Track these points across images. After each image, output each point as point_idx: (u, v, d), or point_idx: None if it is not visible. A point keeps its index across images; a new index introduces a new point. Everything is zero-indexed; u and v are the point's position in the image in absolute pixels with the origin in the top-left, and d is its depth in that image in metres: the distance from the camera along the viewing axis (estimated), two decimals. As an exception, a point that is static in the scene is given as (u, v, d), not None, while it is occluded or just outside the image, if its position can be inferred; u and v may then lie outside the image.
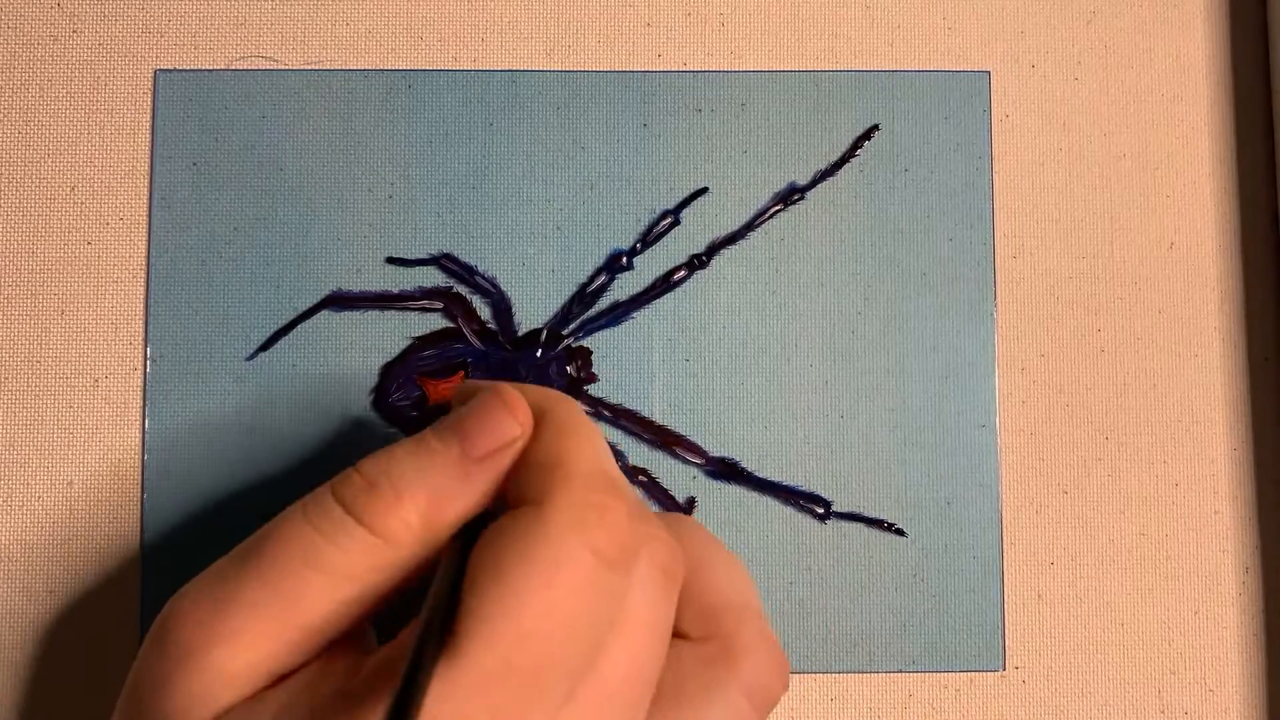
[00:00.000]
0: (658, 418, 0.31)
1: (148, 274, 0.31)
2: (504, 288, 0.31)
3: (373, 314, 0.31)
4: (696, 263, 0.31)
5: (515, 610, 0.19)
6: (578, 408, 0.24)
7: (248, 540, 0.23)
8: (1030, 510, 0.31)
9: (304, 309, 0.31)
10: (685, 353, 0.31)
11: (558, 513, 0.21)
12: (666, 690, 0.22)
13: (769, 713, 0.23)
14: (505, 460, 0.22)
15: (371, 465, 0.22)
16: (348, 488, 0.22)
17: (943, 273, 0.32)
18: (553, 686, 0.20)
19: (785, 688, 0.23)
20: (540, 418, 0.23)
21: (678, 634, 0.23)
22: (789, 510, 0.31)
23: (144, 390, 0.31)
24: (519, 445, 0.22)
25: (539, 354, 0.31)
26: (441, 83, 0.32)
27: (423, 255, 0.31)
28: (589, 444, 0.22)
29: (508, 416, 0.23)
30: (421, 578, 0.23)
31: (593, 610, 0.20)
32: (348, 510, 0.22)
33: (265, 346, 0.31)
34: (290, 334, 0.31)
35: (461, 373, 0.31)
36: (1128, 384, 0.32)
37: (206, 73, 0.31)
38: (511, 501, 0.22)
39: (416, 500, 0.22)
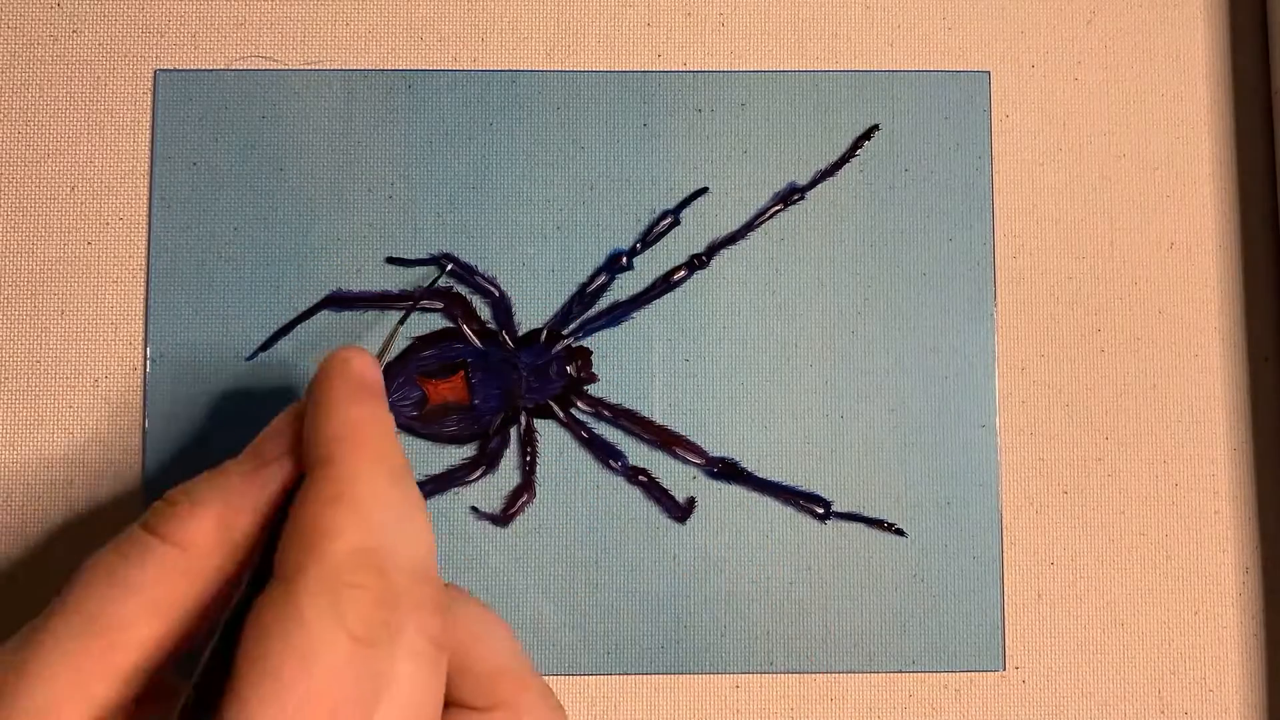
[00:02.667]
0: (658, 418, 0.31)
1: (148, 274, 0.31)
2: (504, 288, 0.31)
3: (373, 314, 0.31)
4: (696, 263, 0.31)
5: (274, 700, 0.19)
6: (381, 453, 0.23)
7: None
8: (1030, 510, 0.31)
9: (304, 309, 0.31)
10: (685, 353, 0.31)
11: (311, 596, 0.20)
12: None
13: None
14: (288, 449, 0.23)
15: (174, 489, 0.23)
16: (150, 512, 0.23)
17: (943, 273, 0.32)
18: None
19: None
20: (327, 457, 0.23)
21: (459, 704, 0.23)
22: (789, 510, 0.31)
23: (144, 390, 0.31)
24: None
25: (538, 354, 0.31)
26: (441, 83, 0.32)
27: (423, 255, 0.31)
28: (362, 510, 0.22)
29: (293, 422, 0.24)
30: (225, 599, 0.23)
31: (355, 691, 0.20)
32: (149, 530, 0.22)
33: (265, 346, 0.31)
34: (290, 334, 0.31)
35: (462, 373, 0.31)
36: (1128, 384, 0.32)
37: (206, 73, 0.31)
38: (276, 567, 0.22)
39: (211, 507, 0.22)
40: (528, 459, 0.31)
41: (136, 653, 0.21)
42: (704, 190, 0.32)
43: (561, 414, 0.31)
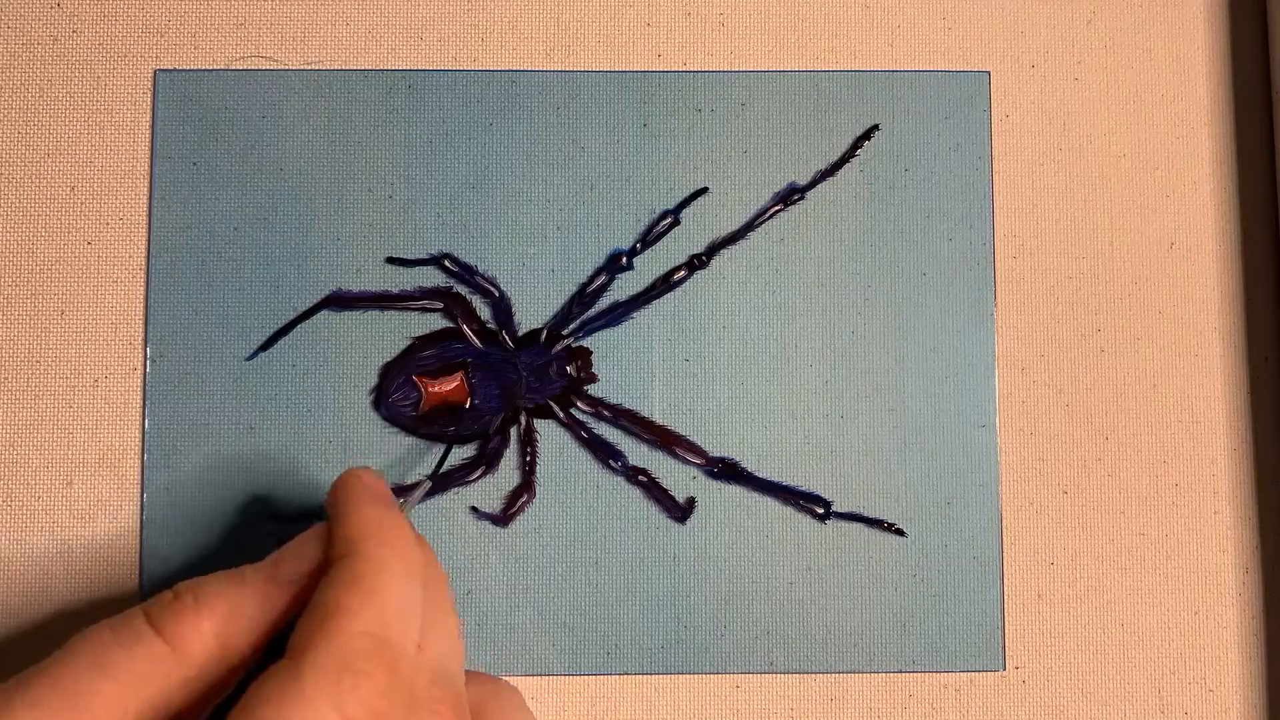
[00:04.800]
0: (658, 418, 0.31)
1: (148, 274, 0.31)
2: (504, 288, 0.31)
3: (373, 314, 0.31)
4: (696, 263, 0.31)
5: None
6: (399, 549, 0.23)
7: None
8: (1030, 510, 0.31)
9: (304, 309, 0.31)
10: (685, 353, 0.31)
11: (315, 671, 0.20)
12: None
13: None
14: (306, 571, 0.22)
15: (185, 583, 0.23)
16: (155, 601, 0.22)
17: (943, 273, 0.32)
18: None
19: None
20: (347, 552, 0.22)
21: None
22: (789, 510, 0.31)
23: (144, 390, 0.31)
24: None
25: (538, 354, 0.31)
26: (441, 83, 0.32)
27: (423, 255, 0.31)
28: (378, 597, 0.21)
29: (315, 544, 0.23)
30: (217, 705, 0.22)
31: None
32: (148, 619, 0.22)
33: (265, 346, 0.31)
34: (290, 334, 0.31)
35: (462, 373, 0.31)
36: (1128, 384, 0.32)
37: (206, 73, 0.31)
38: (288, 648, 0.21)
39: (214, 612, 0.22)
40: (528, 459, 0.31)
41: None
42: (704, 190, 0.32)
43: (561, 414, 0.31)
